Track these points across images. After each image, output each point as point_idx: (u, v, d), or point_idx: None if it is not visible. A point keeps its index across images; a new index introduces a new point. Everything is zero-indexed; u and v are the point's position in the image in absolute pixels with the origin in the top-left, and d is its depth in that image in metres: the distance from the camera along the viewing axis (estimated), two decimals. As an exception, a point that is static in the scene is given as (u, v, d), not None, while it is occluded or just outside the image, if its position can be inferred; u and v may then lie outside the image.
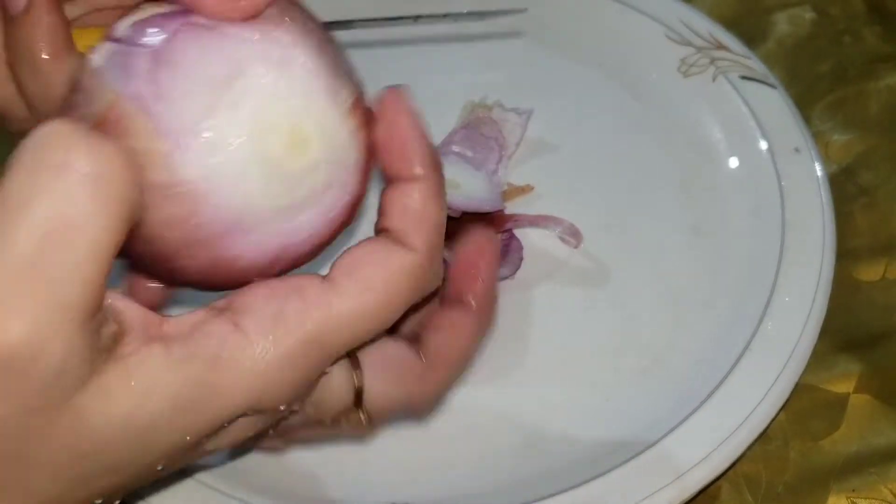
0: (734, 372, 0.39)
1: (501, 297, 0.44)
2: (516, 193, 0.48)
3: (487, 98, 0.50)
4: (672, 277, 0.44)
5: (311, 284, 0.26)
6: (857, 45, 0.54)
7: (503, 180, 0.47)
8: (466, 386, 0.42)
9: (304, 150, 0.25)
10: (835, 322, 0.42)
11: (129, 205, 0.22)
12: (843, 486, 0.39)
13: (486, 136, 0.48)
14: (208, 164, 0.24)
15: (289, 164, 0.25)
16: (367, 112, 0.27)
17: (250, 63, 0.25)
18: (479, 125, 0.48)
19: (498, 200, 0.46)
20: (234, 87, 0.24)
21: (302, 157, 0.25)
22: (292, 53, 0.25)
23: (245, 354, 0.24)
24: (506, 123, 0.49)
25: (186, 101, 0.24)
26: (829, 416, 0.41)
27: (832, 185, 0.45)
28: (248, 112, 0.25)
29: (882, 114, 0.51)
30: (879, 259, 0.46)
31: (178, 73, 0.24)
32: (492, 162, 0.47)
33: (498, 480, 0.39)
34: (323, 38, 0.26)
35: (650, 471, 0.37)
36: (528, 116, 0.50)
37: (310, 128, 0.25)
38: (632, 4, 0.53)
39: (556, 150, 0.50)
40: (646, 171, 0.48)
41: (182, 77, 0.24)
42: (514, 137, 0.49)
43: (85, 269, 0.22)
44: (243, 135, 0.24)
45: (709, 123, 0.49)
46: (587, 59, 0.53)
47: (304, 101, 0.25)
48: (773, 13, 0.56)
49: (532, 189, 0.48)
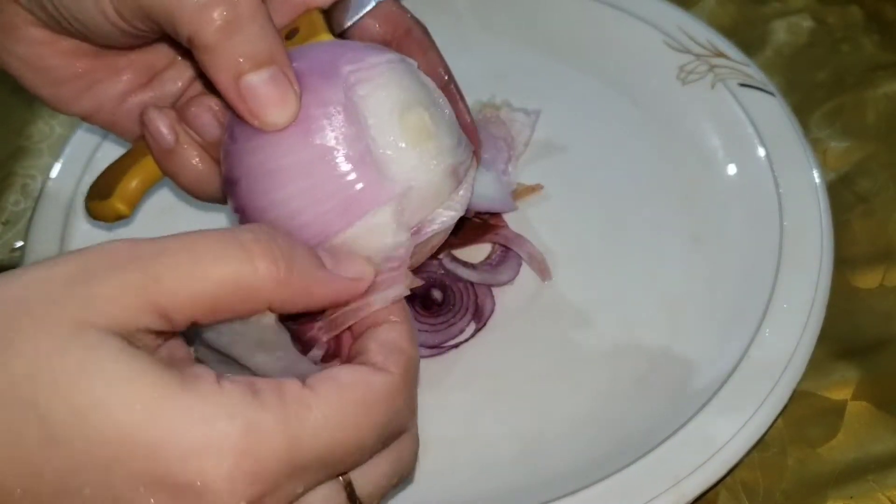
0: (732, 378, 0.39)
1: (501, 303, 0.44)
2: (526, 193, 0.48)
3: (496, 98, 0.50)
4: (670, 284, 0.44)
5: (289, 385, 0.26)
6: (855, 53, 0.54)
7: (513, 180, 0.48)
8: (463, 392, 0.42)
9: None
10: (833, 329, 0.42)
11: None
12: (840, 493, 0.39)
13: (494, 136, 0.48)
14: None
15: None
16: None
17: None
18: (488, 125, 0.48)
19: (509, 200, 0.46)
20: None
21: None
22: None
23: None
24: (514, 123, 0.49)
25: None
26: (827, 423, 0.41)
27: (830, 192, 0.45)
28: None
29: (880, 122, 0.51)
30: (877, 266, 0.46)
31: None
32: (501, 161, 0.47)
33: (496, 487, 0.39)
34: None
35: (648, 477, 0.37)
36: (536, 116, 0.50)
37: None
38: (631, 12, 0.53)
39: (553, 157, 0.50)
40: (644, 178, 0.48)
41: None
42: (522, 137, 0.49)
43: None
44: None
45: (707, 131, 0.49)
46: (586, 66, 0.53)
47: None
48: (772, 21, 0.56)
49: (542, 188, 0.48)
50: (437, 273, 0.45)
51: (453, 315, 0.44)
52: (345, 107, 0.30)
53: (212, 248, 0.26)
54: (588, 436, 0.40)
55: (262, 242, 0.27)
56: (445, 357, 0.43)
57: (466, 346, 0.43)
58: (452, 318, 0.44)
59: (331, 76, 0.31)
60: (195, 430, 0.24)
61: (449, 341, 0.43)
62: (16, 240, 0.51)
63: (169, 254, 0.26)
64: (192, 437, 0.24)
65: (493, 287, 0.45)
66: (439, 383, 0.42)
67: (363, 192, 0.30)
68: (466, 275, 0.45)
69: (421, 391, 0.42)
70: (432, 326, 0.43)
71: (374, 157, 0.30)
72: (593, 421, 0.40)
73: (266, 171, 0.30)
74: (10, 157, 0.54)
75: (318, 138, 0.30)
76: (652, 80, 0.51)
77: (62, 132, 0.55)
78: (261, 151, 0.31)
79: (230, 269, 0.26)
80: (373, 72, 0.31)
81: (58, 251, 0.46)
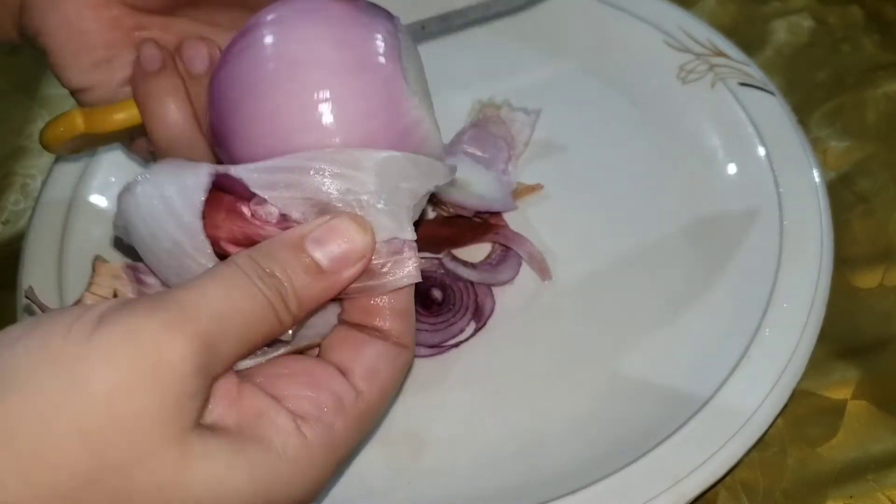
0: (732, 378, 0.39)
1: (500, 302, 0.44)
2: (527, 192, 0.48)
3: (496, 97, 0.50)
4: (670, 283, 0.44)
5: (347, 397, 0.29)
6: (855, 53, 0.54)
7: (513, 180, 0.48)
8: (463, 392, 0.42)
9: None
10: (832, 329, 0.42)
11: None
12: (840, 492, 0.39)
13: (494, 136, 0.48)
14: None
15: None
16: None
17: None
18: (488, 124, 0.48)
19: (509, 200, 0.46)
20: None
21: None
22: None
23: (304, 461, 0.28)
24: (514, 123, 0.49)
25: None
26: (827, 423, 0.41)
27: (830, 192, 0.45)
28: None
29: (880, 121, 0.51)
30: (877, 266, 0.46)
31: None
32: (501, 161, 0.47)
33: (495, 487, 0.39)
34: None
35: (647, 476, 0.37)
36: (536, 116, 0.50)
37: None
38: (631, 11, 0.53)
39: (553, 156, 0.50)
40: (644, 178, 0.48)
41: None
42: (522, 137, 0.49)
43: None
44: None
45: (707, 130, 0.49)
46: (586, 66, 0.53)
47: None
48: (772, 21, 0.56)
49: (542, 188, 0.48)
50: (437, 272, 0.45)
51: (453, 314, 0.44)
52: (395, 37, 0.32)
53: (247, 306, 0.28)
54: (588, 435, 0.40)
55: (278, 296, 0.28)
56: (445, 356, 0.43)
57: (466, 345, 0.43)
58: (452, 318, 0.44)
59: (376, 14, 0.32)
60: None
61: (449, 341, 0.43)
62: (16, 240, 0.51)
63: (224, 321, 0.27)
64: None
65: (493, 287, 0.45)
66: (439, 383, 0.42)
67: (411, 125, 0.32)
68: (466, 274, 0.45)
69: (421, 390, 0.42)
70: (432, 326, 0.43)
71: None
72: (593, 420, 0.40)
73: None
74: (10, 157, 0.54)
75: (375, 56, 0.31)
76: (652, 79, 0.51)
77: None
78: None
79: (265, 327, 0.28)
80: (402, 31, 0.33)
81: (57, 252, 0.46)
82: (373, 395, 0.30)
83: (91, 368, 0.24)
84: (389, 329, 0.31)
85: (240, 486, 0.26)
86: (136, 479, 0.25)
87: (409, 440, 0.41)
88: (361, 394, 0.30)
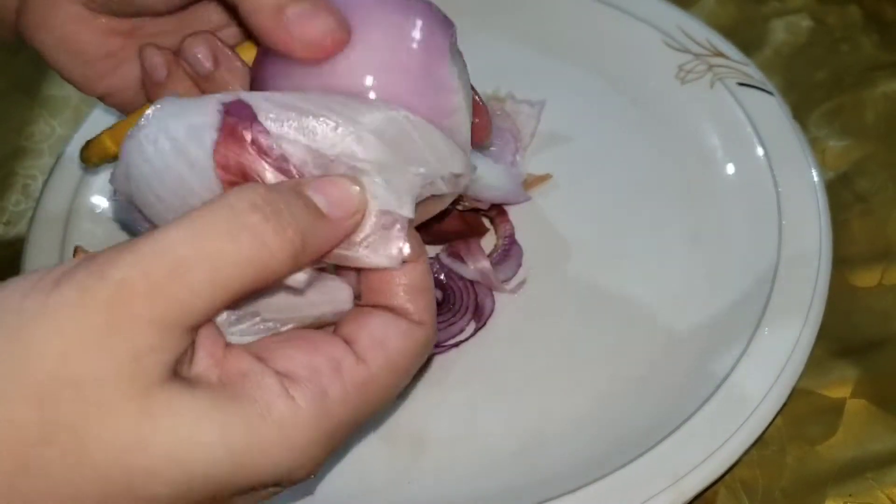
0: (731, 377, 0.40)
1: (501, 302, 0.45)
2: (536, 182, 0.48)
3: (500, 90, 0.50)
4: (669, 283, 0.44)
5: (346, 361, 0.28)
6: (854, 53, 0.55)
7: (523, 171, 0.48)
8: (464, 391, 0.42)
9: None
10: (831, 328, 0.42)
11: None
12: (839, 491, 0.39)
13: (500, 128, 0.48)
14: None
15: None
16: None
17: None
18: (493, 117, 0.49)
19: (521, 191, 0.46)
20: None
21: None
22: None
23: (290, 426, 0.26)
24: (519, 115, 0.49)
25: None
26: (826, 422, 0.41)
27: (829, 191, 0.45)
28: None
29: (879, 121, 0.51)
30: (875, 265, 0.46)
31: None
32: (509, 153, 0.47)
33: (496, 485, 0.39)
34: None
35: (647, 475, 0.37)
36: (541, 107, 0.50)
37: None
38: (630, 11, 0.53)
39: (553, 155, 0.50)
40: (643, 178, 0.48)
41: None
42: (528, 129, 0.49)
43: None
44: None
45: (706, 130, 0.49)
46: (585, 66, 0.53)
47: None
48: (771, 21, 0.57)
49: (551, 177, 0.48)
50: (436, 272, 0.45)
51: (453, 314, 0.44)
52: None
53: (223, 248, 0.25)
54: (588, 434, 0.40)
55: (270, 221, 0.26)
56: (446, 356, 0.43)
57: (467, 345, 0.44)
58: (453, 318, 0.44)
59: (439, 11, 0.33)
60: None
61: (449, 340, 0.43)
62: (17, 241, 0.51)
63: (184, 268, 0.25)
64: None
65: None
66: (440, 382, 0.42)
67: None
68: (464, 272, 0.45)
69: (421, 390, 0.42)
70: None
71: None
72: (593, 420, 0.40)
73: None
74: (10, 157, 0.54)
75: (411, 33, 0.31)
76: (651, 79, 0.51)
77: (63, 132, 0.55)
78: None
79: (250, 270, 0.26)
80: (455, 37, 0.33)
81: (58, 252, 0.46)
82: (377, 366, 0.28)
83: (45, 329, 0.24)
84: (404, 307, 0.29)
85: (209, 446, 0.25)
86: (92, 438, 0.24)
87: (410, 439, 0.41)
88: (364, 362, 0.28)
